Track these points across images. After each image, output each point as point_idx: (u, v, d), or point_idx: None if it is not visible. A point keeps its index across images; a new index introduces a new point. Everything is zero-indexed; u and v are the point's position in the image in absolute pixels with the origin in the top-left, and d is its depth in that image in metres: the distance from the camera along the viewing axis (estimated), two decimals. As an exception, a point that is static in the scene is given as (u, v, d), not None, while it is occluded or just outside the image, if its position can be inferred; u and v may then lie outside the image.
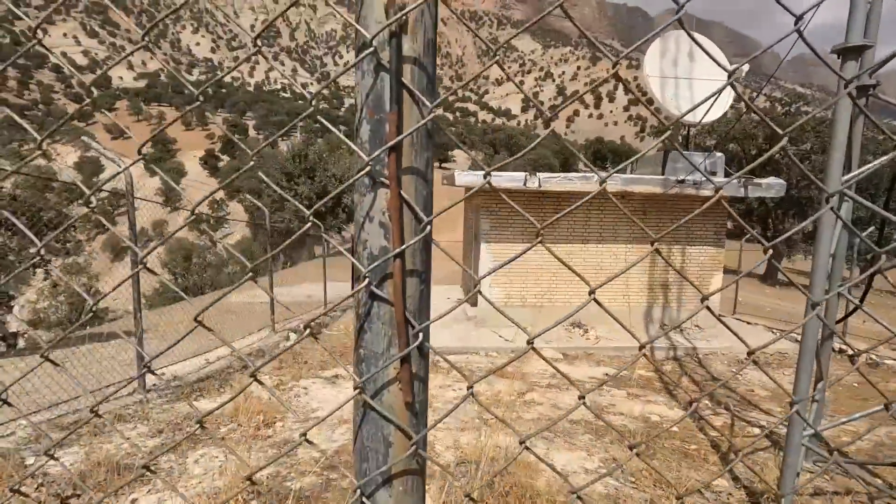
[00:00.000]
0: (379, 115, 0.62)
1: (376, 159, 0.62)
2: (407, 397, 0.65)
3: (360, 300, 0.68)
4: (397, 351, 0.66)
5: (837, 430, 4.73)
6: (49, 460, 3.00)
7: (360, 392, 0.70)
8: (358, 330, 0.68)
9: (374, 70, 0.62)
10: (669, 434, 4.53)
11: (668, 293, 9.08)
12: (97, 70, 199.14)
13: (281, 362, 6.49)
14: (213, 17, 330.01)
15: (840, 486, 3.59)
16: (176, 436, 3.37)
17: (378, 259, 0.65)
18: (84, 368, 5.68)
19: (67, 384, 4.49)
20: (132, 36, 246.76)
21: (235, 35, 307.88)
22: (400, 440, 0.69)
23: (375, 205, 0.65)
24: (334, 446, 3.40)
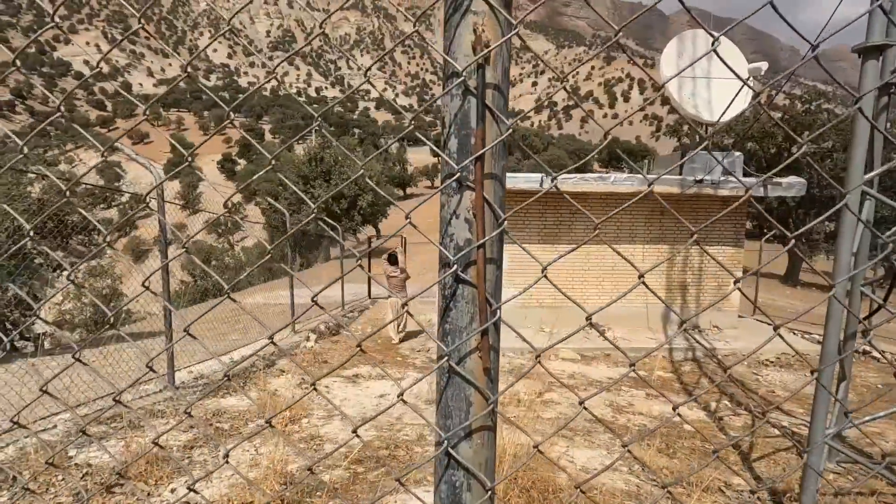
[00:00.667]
0: (465, 130, 0.76)
1: (465, 167, 0.73)
2: (486, 363, 0.77)
3: (445, 284, 0.81)
4: (478, 325, 0.78)
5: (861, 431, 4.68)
6: (89, 452, 3.14)
7: (446, 360, 0.82)
8: (444, 309, 0.81)
9: (461, 94, 0.77)
10: (689, 434, 4.53)
11: (687, 294, 9.02)
12: (118, 77, 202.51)
13: (303, 362, 6.62)
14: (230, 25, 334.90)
15: (863, 486, 3.56)
16: (207, 431, 3.49)
17: (463, 249, 0.78)
18: (112, 368, 5.88)
19: (97, 382, 4.67)
20: (151, 43, 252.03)
21: (252, 41, 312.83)
22: (479, 400, 0.82)
23: (462, 204, 0.78)
24: (358, 442, 3.49)
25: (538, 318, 8.87)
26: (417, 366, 6.97)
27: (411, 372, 6.54)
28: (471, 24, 0.75)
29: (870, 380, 6.89)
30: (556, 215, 8.77)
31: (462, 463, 0.83)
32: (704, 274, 9.01)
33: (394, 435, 3.58)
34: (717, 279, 9.03)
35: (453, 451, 0.83)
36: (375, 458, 2.98)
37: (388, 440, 3.52)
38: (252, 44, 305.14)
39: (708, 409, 5.49)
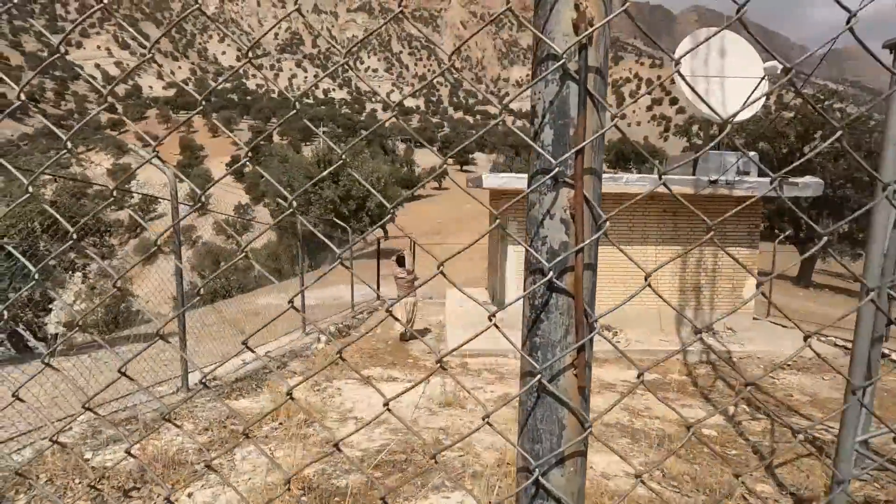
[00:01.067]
0: (563, 120, 0.67)
1: (563, 161, 0.67)
2: (582, 382, 0.69)
3: (536, 292, 0.72)
4: (573, 339, 0.70)
5: (887, 437, 4.57)
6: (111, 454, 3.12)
7: (538, 378, 0.74)
8: (533, 320, 0.73)
9: (559, 79, 0.68)
10: (709, 439, 4.45)
11: (701, 296, 8.90)
12: (129, 80, 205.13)
13: (313, 363, 6.61)
14: (239, 27, 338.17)
15: (891, 495, 3.47)
16: (222, 433, 3.48)
17: (559, 253, 0.70)
18: (126, 368, 5.89)
19: (113, 384, 4.67)
20: (161, 47, 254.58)
21: (260, 44, 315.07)
22: (573, 423, 0.74)
23: (557, 203, 0.70)
24: (374, 446, 3.45)
25: (549, 319, 8.80)
26: (429, 368, 6.93)
27: (422, 374, 6.49)
28: (572, 0, 0.68)
29: (890, 384, 6.76)
30: (567, 216, 8.70)
31: (553, 493, 0.76)
32: (718, 276, 8.89)
33: (410, 439, 3.54)
34: (731, 281, 8.91)
35: (544, 479, 0.76)
36: (391, 463, 2.94)
37: (403, 444, 3.48)
38: (260, 45, 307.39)
39: (726, 412, 5.39)
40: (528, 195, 0.73)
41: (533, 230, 0.73)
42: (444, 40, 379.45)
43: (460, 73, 0.63)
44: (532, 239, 0.73)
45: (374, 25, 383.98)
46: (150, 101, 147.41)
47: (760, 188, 8.10)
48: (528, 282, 0.75)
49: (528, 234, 0.75)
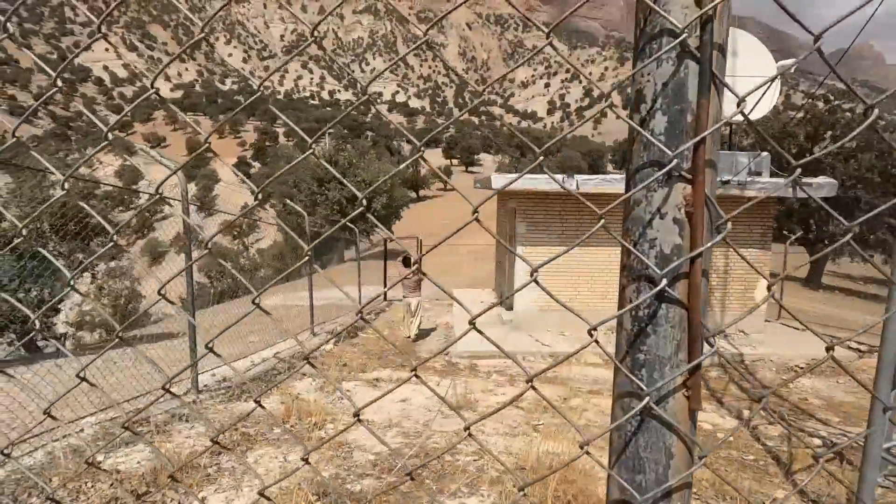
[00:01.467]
0: (679, 105, 0.60)
1: (679, 153, 0.59)
2: (695, 405, 0.62)
3: (641, 302, 0.64)
4: (684, 356, 0.62)
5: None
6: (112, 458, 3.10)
7: (639, 398, 0.66)
8: (636, 333, 0.65)
9: (676, 58, 0.60)
10: (726, 444, 4.37)
11: (712, 297, 8.80)
12: (136, 82, 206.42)
13: (322, 364, 6.57)
14: (245, 28, 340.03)
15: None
16: (234, 436, 3.44)
17: (671, 258, 0.62)
18: (135, 368, 5.88)
19: (122, 385, 4.65)
20: (168, 48, 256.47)
21: (266, 45, 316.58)
22: (682, 451, 0.65)
23: (670, 200, 0.61)
24: (387, 450, 3.40)
25: (558, 321, 8.73)
26: (438, 369, 6.89)
27: (432, 376, 6.45)
28: None
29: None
30: (576, 217, 8.62)
31: (661, 532, 0.64)
32: (730, 277, 8.79)
33: (423, 443, 3.49)
34: (743, 282, 8.81)
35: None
36: (406, 467, 2.89)
37: (417, 448, 3.43)
38: (266, 47, 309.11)
39: (741, 417, 5.31)
40: (630, 191, 0.66)
41: (637, 231, 0.64)
42: (449, 41, 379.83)
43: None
44: (635, 240, 0.65)
45: (379, 27, 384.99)
46: (157, 103, 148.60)
47: (772, 188, 7.99)
48: (628, 290, 0.67)
49: (627, 235, 0.67)
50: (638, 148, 0.61)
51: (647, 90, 0.60)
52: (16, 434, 3.29)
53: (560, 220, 8.62)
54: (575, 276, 8.69)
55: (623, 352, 0.66)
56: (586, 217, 8.59)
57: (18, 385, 3.59)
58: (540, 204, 8.57)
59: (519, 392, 0.80)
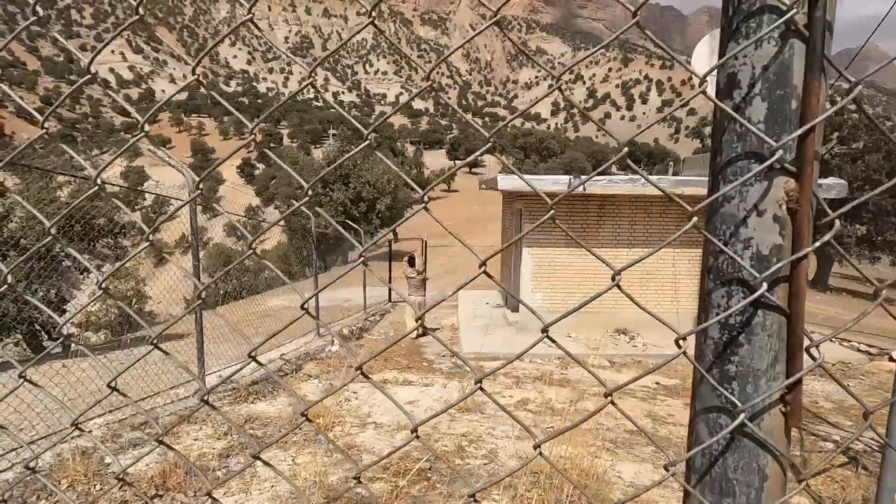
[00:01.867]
0: (782, 90, 0.55)
1: (784, 144, 0.53)
2: (794, 422, 0.56)
3: (730, 308, 0.59)
4: (782, 368, 0.57)
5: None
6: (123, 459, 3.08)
7: (730, 414, 0.60)
8: (727, 342, 0.59)
9: (779, 38, 0.54)
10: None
11: (719, 299, 8.73)
12: (142, 83, 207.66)
13: (328, 366, 6.55)
14: (249, 31, 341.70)
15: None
16: (241, 437, 3.42)
17: (769, 259, 0.57)
18: (141, 369, 5.87)
19: (129, 386, 4.64)
20: (173, 51, 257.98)
21: (270, 47, 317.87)
22: (776, 473, 0.59)
23: (769, 196, 0.56)
24: (397, 453, 3.37)
25: (563, 323, 8.67)
26: (444, 371, 6.85)
27: (438, 378, 6.41)
28: None
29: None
30: (583, 218, 8.58)
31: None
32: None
33: (431, 446, 3.46)
34: (751, 284, 8.74)
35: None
36: (418, 470, 2.86)
37: (425, 451, 3.40)
38: (271, 49, 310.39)
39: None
40: (721, 186, 0.60)
41: (728, 230, 0.59)
42: (453, 42, 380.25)
43: None
44: (726, 241, 0.59)
45: (383, 29, 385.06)
46: (163, 105, 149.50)
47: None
48: (715, 294, 0.62)
49: (715, 235, 0.62)
50: (730, 138, 0.55)
51: (743, 74, 0.55)
52: (25, 435, 3.27)
53: (567, 221, 8.58)
54: (582, 277, 8.65)
55: (709, 363, 0.60)
56: (592, 218, 8.55)
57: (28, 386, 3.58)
58: (546, 205, 8.52)
59: (600, 406, 0.76)
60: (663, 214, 8.53)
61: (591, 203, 8.50)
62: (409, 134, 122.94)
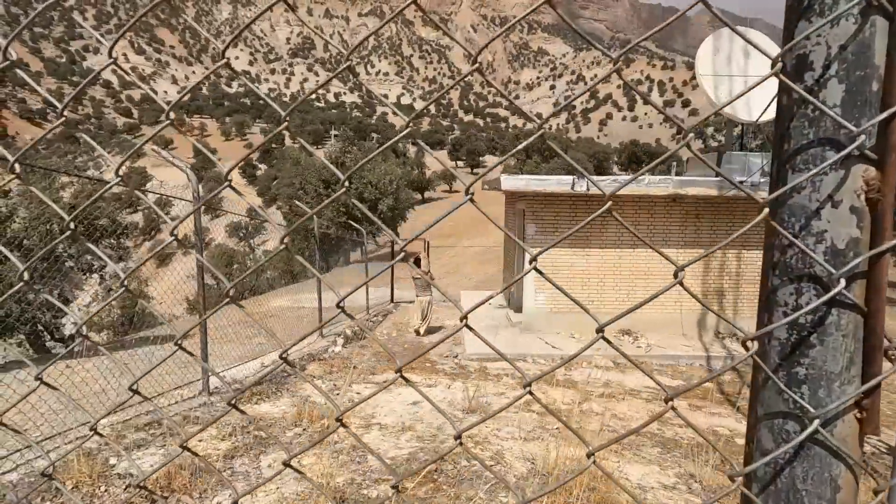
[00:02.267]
0: (862, 71, 0.52)
1: (864, 129, 0.50)
2: (870, 429, 0.53)
3: (800, 306, 0.56)
4: (857, 371, 0.53)
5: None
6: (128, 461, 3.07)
7: (799, 421, 0.57)
8: (795, 343, 0.56)
9: (859, 14, 0.51)
10: (742, 449, 4.29)
11: (724, 300, 8.69)
12: (144, 84, 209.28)
13: (332, 367, 6.54)
14: (251, 31, 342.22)
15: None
16: (246, 439, 3.40)
17: (846, 254, 0.53)
18: (146, 368, 5.86)
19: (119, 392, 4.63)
20: (175, 52, 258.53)
21: (272, 48, 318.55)
22: (849, 483, 0.55)
23: (845, 185, 0.53)
24: (402, 453, 3.35)
25: (567, 323, 8.65)
26: (448, 372, 6.83)
27: (442, 378, 6.39)
28: None
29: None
30: (586, 218, 8.55)
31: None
32: (742, 279, 8.69)
33: (437, 447, 3.44)
34: (755, 285, 8.69)
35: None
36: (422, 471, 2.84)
37: (431, 452, 3.38)
38: (273, 51, 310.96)
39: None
40: (786, 176, 0.57)
41: (798, 223, 0.56)
42: (454, 44, 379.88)
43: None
44: (796, 234, 0.56)
45: (384, 30, 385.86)
46: (167, 105, 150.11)
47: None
48: (782, 291, 0.58)
49: (783, 227, 0.59)
50: (800, 124, 0.52)
51: (816, 55, 0.52)
52: (30, 436, 3.26)
53: (570, 221, 8.56)
54: (584, 277, 8.62)
55: (774, 365, 0.57)
56: (596, 219, 8.52)
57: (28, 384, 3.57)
58: (549, 205, 8.51)
59: (661, 411, 0.72)
60: (667, 214, 8.50)
61: (594, 203, 8.47)
62: (411, 134, 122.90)
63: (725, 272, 8.64)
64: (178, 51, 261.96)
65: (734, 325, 0.68)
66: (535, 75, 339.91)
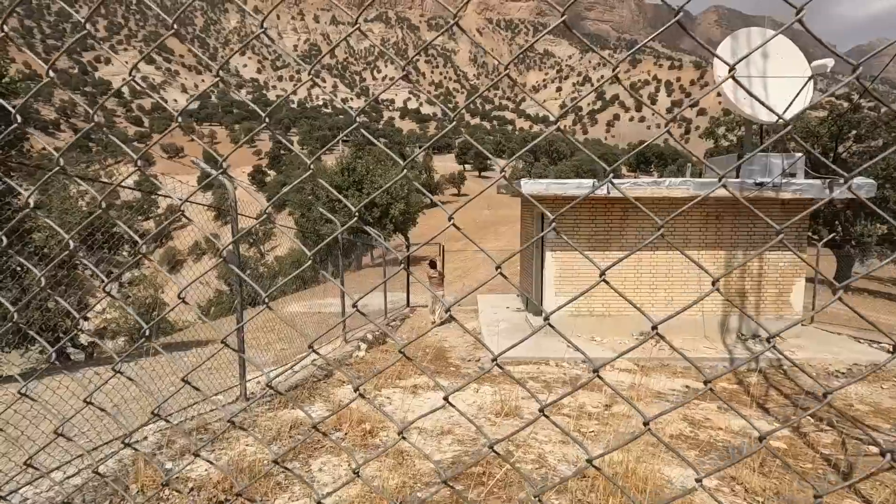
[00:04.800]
0: None
1: None
2: None
3: None
4: None
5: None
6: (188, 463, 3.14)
7: None
8: None
9: None
10: (781, 452, 4.28)
11: (746, 301, 8.66)
12: (154, 93, 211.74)
13: (358, 371, 6.60)
14: (259, 40, 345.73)
15: None
16: (288, 444, 3.47)
17: None
18: (174, 375, 5.96)
19: (161, 392, 4.72)
20: (185, 61, 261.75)
21: (279, 55, 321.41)
22: None
23: None
24: (446, 457, 3.40)
25: (589, 327, 8.65)
26: (472, 376, 6.86)
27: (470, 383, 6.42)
28: None
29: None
30: (605, 221, 8.57)
31: None
32: (764, 280, 8.64)
33: (480, 450, 3.48)
34: (777, 286, 8.65)
35: None
36: (473, 474, 2.88)
37: (475, 456, 3.42)
38: (280, 57, 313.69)
39: (785, 423, 5.20)
40: None
41: None
42: (460, 47, 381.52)
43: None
44: None
45: (390, 35, 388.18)
46: (176, 113, 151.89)
47: (808, 190, 7.87)
48: None
49: None
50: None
51: None
52: (83, 441, 3.34)
53: (590, 224, 8.58)
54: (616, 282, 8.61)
55: None
56: (616, 221, 8.53)
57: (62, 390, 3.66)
58: (568, 210, 8.53)
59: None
60: (687, 216, 8.49)
61: (614, 206, 8.49)
62: (418, 139, 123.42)
63: (747, 273, 8.60)
64: (188, 59, 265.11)
65: (887, 333, 0.72)
66: (542, 77, 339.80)
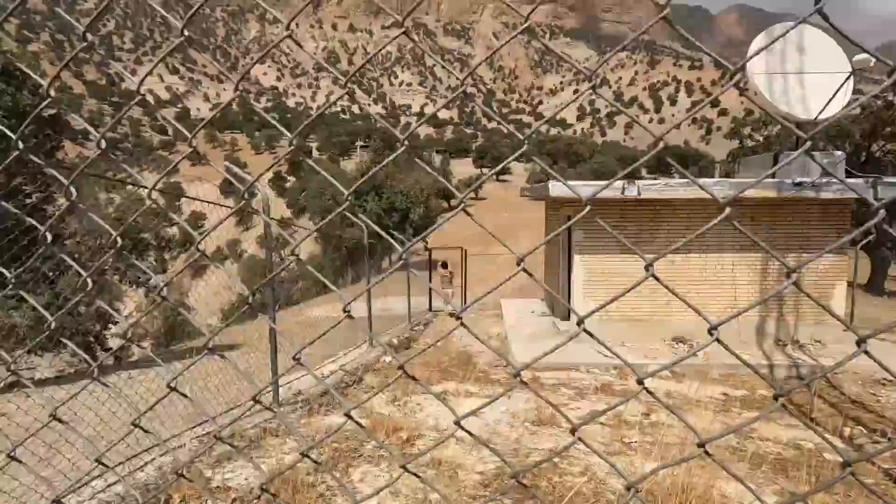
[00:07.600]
0: None
1: None
2: None
3: None
4: None
5: None
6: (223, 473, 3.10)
7: None
8: None
9: None
10: (834, 463, 4.06)
11: (784, 306, 8.35)
12: (179, 103, 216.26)
13: (386, 377, 6.53)
14: (278, 48, 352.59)
15: None
16: (325, 452, 3.40)
17: None
18: (203, 381, 5.97)
19: (200, 398, 4.71)
20: (208, 70, 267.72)
21: (298, 63, 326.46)
22: None
23: None
24: (490, 468, 3.29)
25: (618, 332, 8.44)
26: (502, 382, 6.74)
27: (499, 389, 6.30)
28: None
29: None
30: (637, 223, 8.37)
31: None
32: (803, 283, 8.33)
33: (522, 461, 3.37)
34: (816, 289, 8.32)
35: None
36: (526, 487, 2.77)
37: (521, 467, 3.30)
38: (299, 66, 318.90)
39: (841, 436, 4.95)
40: None
41: None
42: (476, 52, 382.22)
43: None
44: None
45: (407, 41, 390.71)
46: (198, 122, 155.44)
47: (849, 191, 7.55)
48: None
49: None
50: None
51: None
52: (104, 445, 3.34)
53: (620, 226, 8.39)
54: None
55: None
56: (647, 223, 8.32)
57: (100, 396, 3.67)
58: (597, 211, 8.32)
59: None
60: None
61: (645, 208, 8.29)
62: (435, 143, 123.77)
63: (784, 275, 8.30)
64: (210, 69, 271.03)
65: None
66: (558, 80, 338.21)
